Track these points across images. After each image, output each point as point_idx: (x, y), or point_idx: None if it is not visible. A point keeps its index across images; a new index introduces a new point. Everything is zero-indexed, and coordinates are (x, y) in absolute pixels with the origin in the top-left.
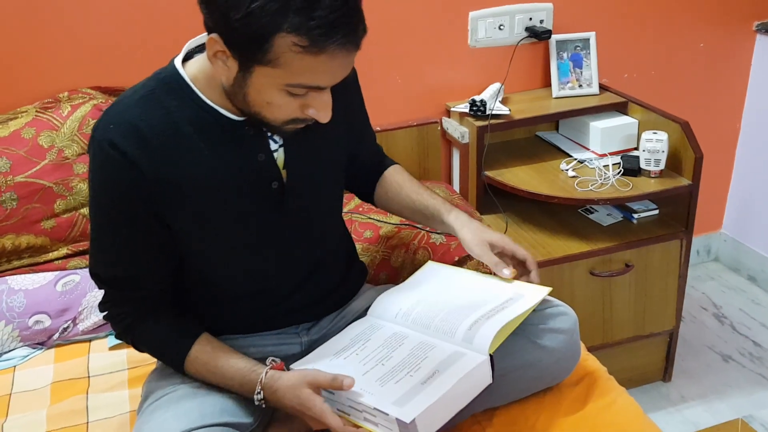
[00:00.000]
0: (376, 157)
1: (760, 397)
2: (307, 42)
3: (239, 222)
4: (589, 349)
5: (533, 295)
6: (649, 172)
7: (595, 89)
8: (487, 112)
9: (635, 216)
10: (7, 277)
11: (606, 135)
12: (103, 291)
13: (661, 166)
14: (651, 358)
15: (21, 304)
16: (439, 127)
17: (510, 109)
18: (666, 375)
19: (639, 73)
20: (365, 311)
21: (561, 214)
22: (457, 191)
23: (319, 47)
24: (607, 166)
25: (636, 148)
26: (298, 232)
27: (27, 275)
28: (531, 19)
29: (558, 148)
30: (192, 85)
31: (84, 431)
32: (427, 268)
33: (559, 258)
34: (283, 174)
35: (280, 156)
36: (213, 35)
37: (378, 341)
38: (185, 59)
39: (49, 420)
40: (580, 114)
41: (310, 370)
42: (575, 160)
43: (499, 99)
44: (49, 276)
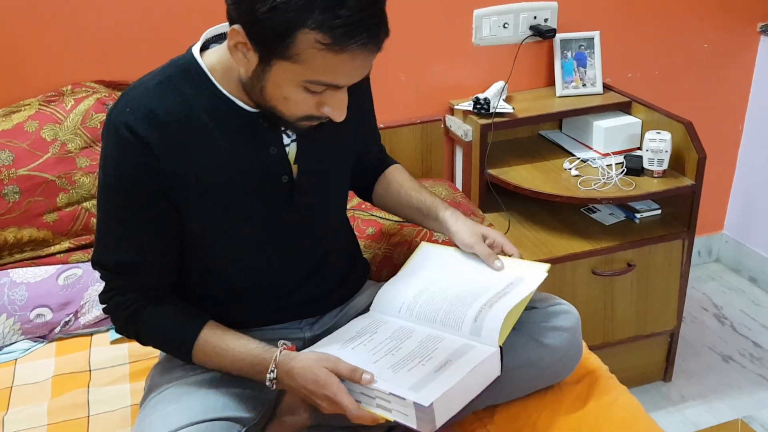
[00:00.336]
0: (379, 157)
1: (760, 397)
2: (330, 40)
3: (247, 212)
4: (590, 348)
5: (533, 276)
6: (652, 171)
7: (598, 88)
8: (491, 111)
9: (637, 216)
10: (8, 270)
11: (609, 134)
12: (104, 282)
13: (664, 166)
14: (651, 358)
15: (23, 297)
16: (442, 125)
17: (513, 108)
18: (666, 375)
19: (643, 72)
20: (368, 307)
21: (563, 213)
22: (460, 189)
23: (341, 46)
24: (610, 165)
25: (639, 148)
26: (305, 227)
27: (29, 268)
28: (535, 17)
29: (561, 147)
30: (209, 74)
31: (85, 425)
32: (423, 250)
33: (561, 257)
34: (294, 169)
35: (292, 150)
36: (236, 26)
37: (385, 334)
38: (203, 48)
39: (50, 413)
40: (583, 113)
41: (330, 355)
42: (578, 159)
43: (503, 97)
44: (50, 269)
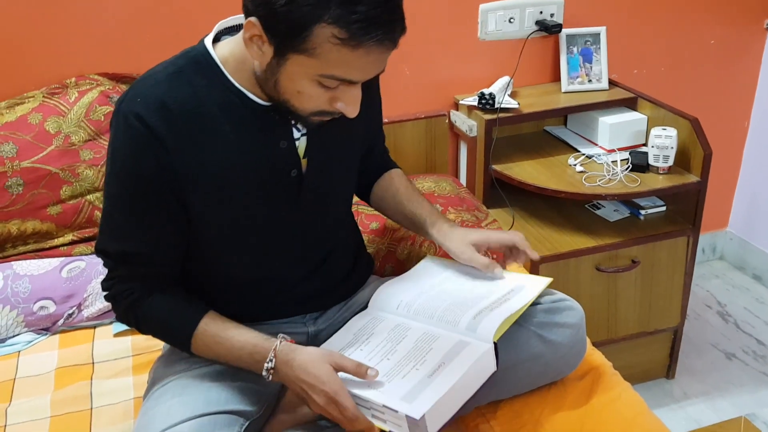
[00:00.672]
0: (381, 158)
1: (763, 395)
2: (346, 35)
3: (255, 206)
4: (593, 345)
5: (534, 286)
6: (657, 168)
7: (604, 84)
8: (496, 106)
9: (642, 212)
10: (12, 262)
11: (615, 130)
12: (107, 269)
13: (670, 163)
14: (655, 355)
15: (26, 289)
16: (447, 120)
17: (519, 103)
18: (669, 372)
19: (649, 69)
20: None
21: (568, 209)
22: (464, 185)
23: (357, 41)
24: (615, 161)
25: (644, 144)
26: (312, 221)
27: (32, 261)
28: (541, 12)
29: (566, 143)
30: (221, 66)
31: (88, 417)
32: (426, 262)
33: (565, 253)
34: (303, 163)
35: (302, 145)
36: (252, 19)
37: (381, 334)
38: (215, 40)
39: (53, 405)
40: (589, 109)
41: (335, 352)
42: (583, 155)
43: (508, 92)
44: (54, 262)
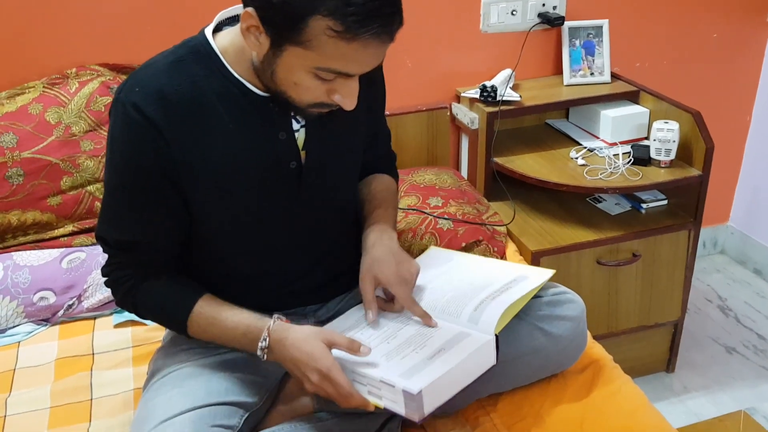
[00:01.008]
0: (383, 160)
1: (763, 389)
2: (342, 28)
3: (254, 197)
4: (594, 338)
5: (536, 277)
6: (659, 161)
7: (606, 77)
8: (498, 99)
9: (644, 206)
10: (12, 252)
11: (617, 124)
12: (107, 256)
13: (672, 156)
14: (655, 349)
15: (26, 280)
16: (448, 113)
17: (520, 96)
18: (670, 366)
19: (651, 62)
20: None
21: (569, 203)
22: (465, 178)
23: (353, 34)
24: (617, 155)
25: (646, 138)
26: (312, 213)
27: (32, 251)
28: (544, 5)
29: (568, 136)
30: (221, 56)
31: (88, 408)
32: (430, 252)
33: (566, 246)
34: (302, 155)
35: (301, 136)
36: (249, 9)
37: (382, 322)
38: (215, 30)
39: (53, 396)
40: (591, 102)
41: (327, 329)
42: (585, 148)
43: (510, 85)
44: (54, 253)
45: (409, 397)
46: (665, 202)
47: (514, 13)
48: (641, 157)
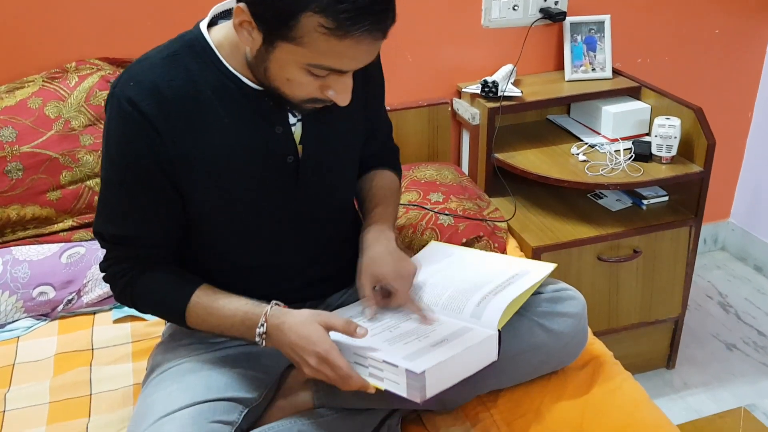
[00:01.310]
0: (385, 154)
1: (763, 386)
2: (334, 25)
3: (251, 192)
4: (594, 334)
5: (538, 271)
6: (660, 158)
7: (608, 73)
8: (499, 94)
9: (645, 202)
10: (11, 247)
11: (618, 120)
12: (104, 251)
13: (673, 152)
14: (655, 345)
15: (25, 274)
16: (449, 108)
17: (522, 92)
18: (670, 362)
19: (653, 58)
20: None
21: (570, 199)
22: (466, 173)
23: (345, 31)
24: (618, 151)
25: (648, 134)
26: (310, 208)
27: (32, 246)
28: (545, 0)
29: (569, 132)
30: (216, 50)
31: (87, 403)
32: (431, 247)
33: (567, 242)
34: (299, 149)
35: (298, 130)
36: (241, 4)
37: (384, 316)
38: (211, 24)
39: (52, 391)
40: (592, 98)
41: (323, 312)
42: (586, 144)
43: (511, 81)
44: (53, 247)
45: (412, 377)
46: (666, 198)
47: (516, 8)
48: (642, 153)
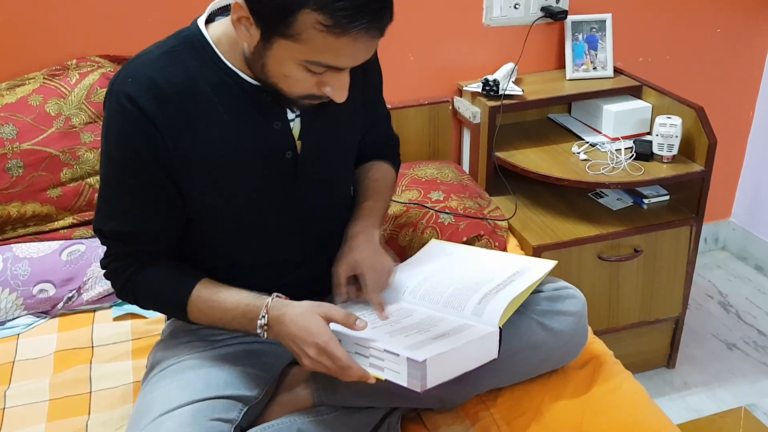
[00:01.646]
0: (383, 145)
1: (763, 385)
2: (331, 22)
3: (250, 187)
4: (595, 333)
5: (539, 268)
6: (661, 157)
7: (609, 72)
8: (500, 93)
9: (645, 201)
10: (11, 245)
11: (619, 119)
12: (105, 247)
13: (674, 152)
14: (656, 344)
15: (26, 272)
16: (450, 107)
17: (523, 90)
18: (670, 361)
19: (654, 57)
20: None
21: (571, 198)
22: (467, 172)
23: (342, 29)
24: (619, 150)
25: (649, 133)
26: (309, 204)
27: (32, 243)
28: None
29: (570, 131)
30: (214, 46)
31: (87, 400)
32: (431, 245)
33: (568, 241)
34: (298, 145)
35: (296, 126)
36: (239, 0)
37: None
38: (208, 20)
39: (52, 388)
40: (593, 97)
41: (324, 303)
42: (587, 143)
43: (512, 79)
44: (54, 245)
45: (413, 366)
46: (667, 197)
47: (517, 6)
48: (643, 152)
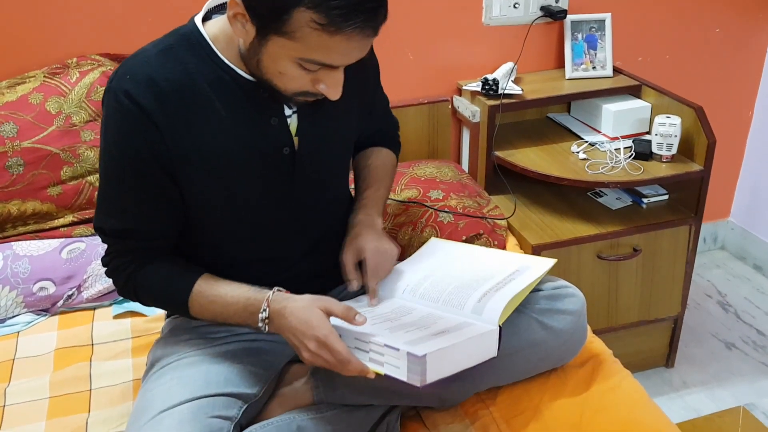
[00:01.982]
0: (383, 132)
1: (762, 385)
2: (326, 21)
3: (248, 183)
4: (594, 332)
5: (539, 266)
6: (660, 156)
7: (608, 71)
8: (499, 92)
9: (645, 201)
10: (12, 242)
11: (618, 118)
12: (106, 245)
13: (673, 151)
14: (655, 344)
15: (26, 270)
16: (449, 106)
17: (522, 89)
18: (669, 361)
19: (653, 56)
20: None
21: (570, 197)
22: (466, 171)
23: (337, 27)
24: (619, 149)
25: (648, 132)
26: (308, 200)
27: (32, 241)
28: None
29: (569, 130)
30: (211, 43)
31: (87, 398)
32: (431, 244)
33: (567, 240)
34: (295, 141)
35: (293, 122)
36: None
37: (385, 309)
38: (206, 18)
39: (52, 386)
40: (592, 96)
41: (324, 297)
42: (586, 142)
43: (512, 79)
44: (54, 243)
45: (413, 360)
46: (666, 197)
47: (517, 6)
48: (643, 151)
